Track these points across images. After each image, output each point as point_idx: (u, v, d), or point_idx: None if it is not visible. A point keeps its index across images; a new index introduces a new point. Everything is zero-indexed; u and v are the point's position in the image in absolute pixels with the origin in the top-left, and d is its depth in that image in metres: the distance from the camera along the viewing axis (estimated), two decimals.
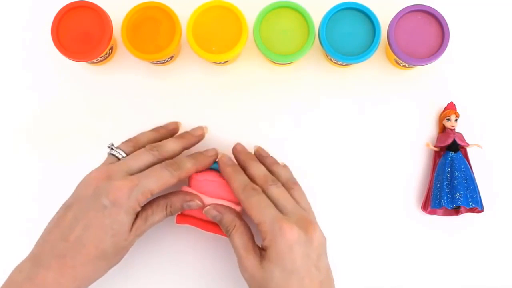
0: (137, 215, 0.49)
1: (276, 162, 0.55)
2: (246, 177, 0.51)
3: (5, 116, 0.60)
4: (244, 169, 0.53)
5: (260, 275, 0.46)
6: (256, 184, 0.51)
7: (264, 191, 0.50)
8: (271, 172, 0.53)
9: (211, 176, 0.52)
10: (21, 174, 0.59)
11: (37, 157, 0.59)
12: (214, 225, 0.52)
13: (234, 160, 0.54)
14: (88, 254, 0.47)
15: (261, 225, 0.47)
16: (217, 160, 0.53)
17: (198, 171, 0.52)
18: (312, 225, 0.48)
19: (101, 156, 0.58)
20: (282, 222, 0.46)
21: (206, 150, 0.54)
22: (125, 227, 0.48)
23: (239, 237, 0.49)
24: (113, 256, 0.48)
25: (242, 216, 0.51)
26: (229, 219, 0.50)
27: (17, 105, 0.60)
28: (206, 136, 0.57)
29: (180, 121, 0.58)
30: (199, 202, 0.51)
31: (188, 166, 0.51)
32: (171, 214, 0.51)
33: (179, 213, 0.52)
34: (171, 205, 0.50)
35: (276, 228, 0.46)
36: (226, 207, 0.51)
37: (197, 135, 0.55)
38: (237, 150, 0.55)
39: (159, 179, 0.49)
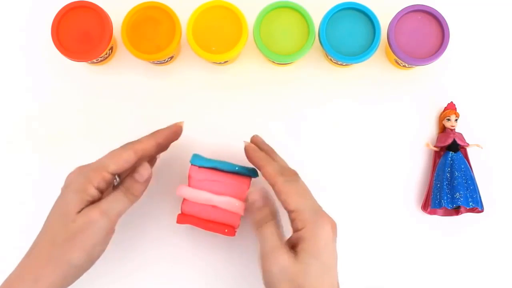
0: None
1: None
2: (280, 162, 0.50)
3: (5, 116, 0.60)
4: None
5: (295, 268, 0.44)
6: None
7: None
8: None
9: (211, 175, 0.51)
10: (21, 174, 0.59)
11: (37, 157, 0.59)
12: (215, 224, 0.52)
13: None
14: (42, 241, 0.46)
15: (300, 213, 0.45)
16: (244, 148, 0.51)
17: (159, 144, 0.50)
18: (335, 225, 0.46)
19: (100, 155, 0.58)
20: (324, 214, 0.45)
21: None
22: (71, 205, 0.45)
23: (276, 229, 0.46)
24: (65, 241, 0.44)
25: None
26: (270, 210, 0.47)
27: (17, 105, 0.60)
28: (206, 136, 0.57)
29: (182, 121, 0.54)
30: (146, 165, 0.48)
31: (144, 139, 0.49)
32: (129, 191, 0.48)
33: (180, 212, 0.52)
34: (123, 181, 0.48)
35: (318, 218, 0.45)
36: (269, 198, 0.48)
37: (170, 127, 0.53)
38: (258, 141, 0.52)
39: (111, 154, 0.48)
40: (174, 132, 0.51)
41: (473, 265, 0.58)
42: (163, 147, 0.51)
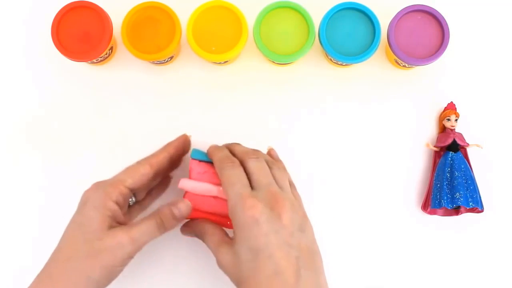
0: (122, 223, 0.47)
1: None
2: (227, 152, 0.50)
3: (5, 116, 0.60)
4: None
5: (231, 263, 0.45)
6: (237, 157, 0.49)
7: (243, 164, 0.48)
8: None
9: (211, 168, 0.51)
10: (21, 174, 0.59)
11: (37, 157, 0.59)
12: (217, 217, 0.51)
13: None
14: (63, 257, 0.45)
15: (228, 202, 0.46)
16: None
17: (171, 155, 0.51)
18: (280, 202, 0.45)
19: (100, 155, 0.58)
20: (244, 199, 0.44)
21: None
22: (95, 222, 0.45)
23: (210, 238, 0.48)
24: (87, 257, 0.44)
25: None
26: (198, 228, 0.50)
27: (17, 105, 0.60)
28: (206, 136, 0.57)
29: (189, 134, 0.55)
30: (187, 202, 0.49)
31: (157, 152, 0.51)
32: (163, 223, 0.48)
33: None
34: (159, 212, 0.48)
35: (238, 205, 0.44)
36: (195, 221, 0.51)
37: (178, 138, 0.54)
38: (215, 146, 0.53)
39: (128, 170, 0.49)
40: (183, 142, 0.53)
41: (473, 265, 0.58)
42: (175, 160, 0.52)
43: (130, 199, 0.51)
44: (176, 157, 0.52)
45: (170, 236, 0.57)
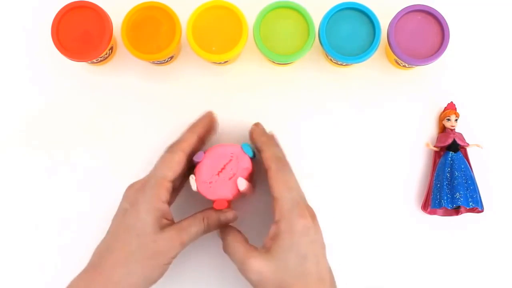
0: (171, 225, 0.49)
1: None
2: (280, 150, 0.51)
3: (5, 116, 0.60)
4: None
5: (272, 268, 0.46)
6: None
7: None
8: None
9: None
10: (20, 175, 0.59)
11: (37, 157, 0.59)
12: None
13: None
14: (117, 257, 0.46)
15: (280, 203, 0.47)
16: (251, 129, 0.53)
17: (201, 135, 0.51)
18: (315, 216, 0.49)
19: (100, 155, 0.58)
20: (302, 208, 0.47)
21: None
22: (149, 225, 0.47)
23: (237, 237, 0.49)
24: (143, 259, 0.46)
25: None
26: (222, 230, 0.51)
27: (16, 105, 0.60)
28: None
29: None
30: (235, 213, 0.51)
31: (185, 136, 0.51)
32: (209, 227, 0.50)
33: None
34: (208, 216, 0.50)
35: (295, 212, 0.47)
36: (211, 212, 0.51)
37: (204, 116, 0.54)
38: (260, 129, 0.54)
39: (164, 162, 0.49)
40: (209, 120, 0.53)
41: (473, 265, 0.58)
42: (203, 141, 0.53)
43: None
44: (205, 137, 0.53)
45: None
